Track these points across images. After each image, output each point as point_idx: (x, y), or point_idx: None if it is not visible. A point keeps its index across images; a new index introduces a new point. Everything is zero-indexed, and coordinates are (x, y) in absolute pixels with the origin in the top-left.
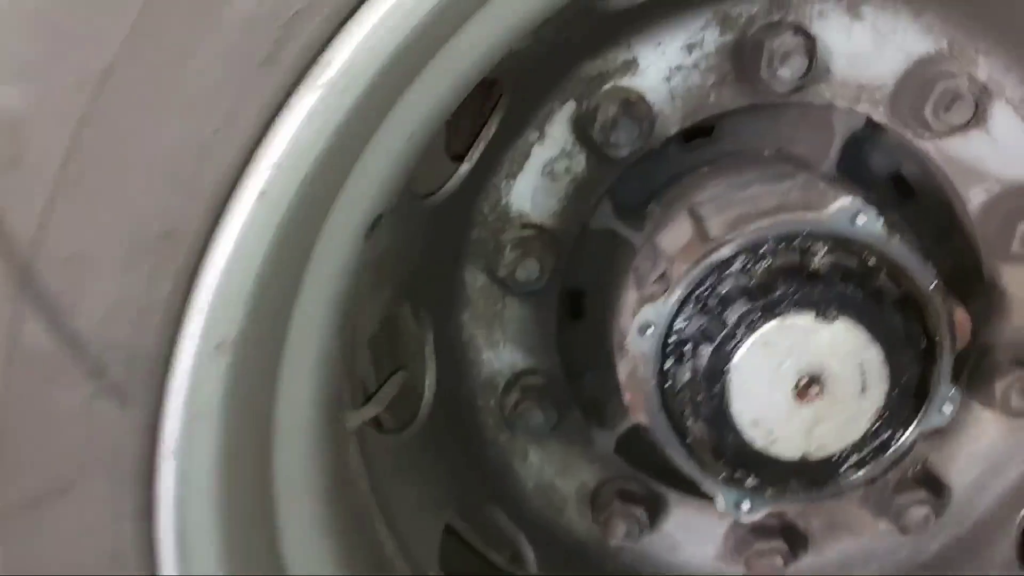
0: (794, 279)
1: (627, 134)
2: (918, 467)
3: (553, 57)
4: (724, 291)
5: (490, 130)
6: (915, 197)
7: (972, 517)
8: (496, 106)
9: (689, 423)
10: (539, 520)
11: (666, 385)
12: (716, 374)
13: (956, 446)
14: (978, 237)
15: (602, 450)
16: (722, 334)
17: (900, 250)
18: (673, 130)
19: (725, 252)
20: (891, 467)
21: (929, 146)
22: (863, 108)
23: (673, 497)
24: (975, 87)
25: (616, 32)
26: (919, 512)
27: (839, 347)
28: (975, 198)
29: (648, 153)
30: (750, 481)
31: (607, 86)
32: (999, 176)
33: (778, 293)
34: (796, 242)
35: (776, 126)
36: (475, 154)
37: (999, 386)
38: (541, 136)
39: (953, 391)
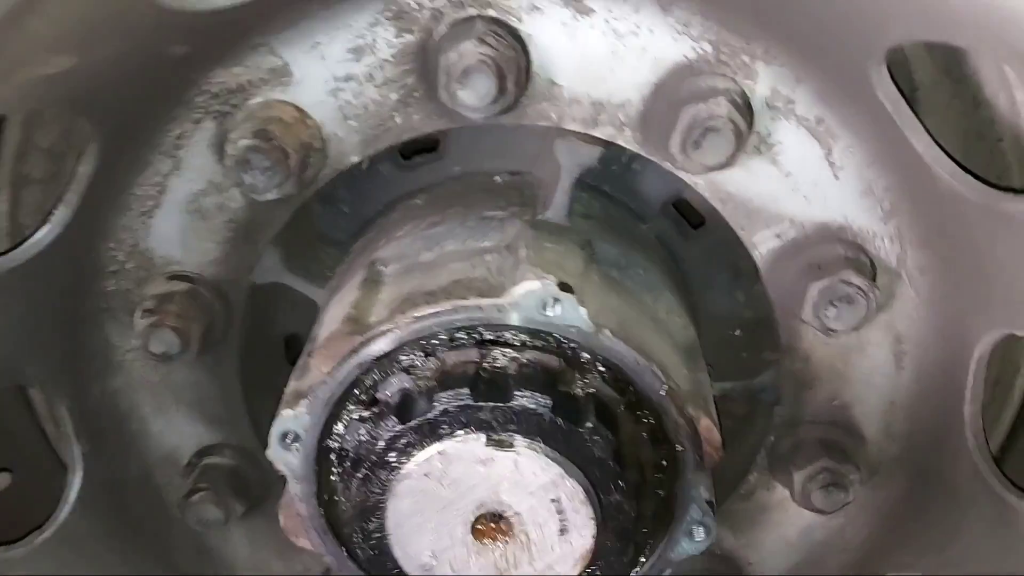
0: (464, 388)
1: (265, 178)
2: (715, 553)
3: (164, 69)
4: (380, 400)
5: (84, 172)
6: (705, 225)
7: None
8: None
9: (359, 553)
10: None
11: (329, 503)
12: (372, 508)
13: (761, 532)
14: (769, 290)
15: None
16: (372, 460)
17: (615, 347)
18: (352, 158)
19: (378, 348)
20: None
21: (699, 180)
22: (604, 132)
23: None
24: (744, 111)
25: (245, 32)
26: None
27: (524, 480)
28: (763, 244)
29: (347, 176)
30: None
31: (255, 100)
32: (794, 217)
33: (442, 408)
34: (475, 336)
35: (507, 145)
36: (73, 199)
37: (799, 477)
38: (177, 165)
39: (706, 514)
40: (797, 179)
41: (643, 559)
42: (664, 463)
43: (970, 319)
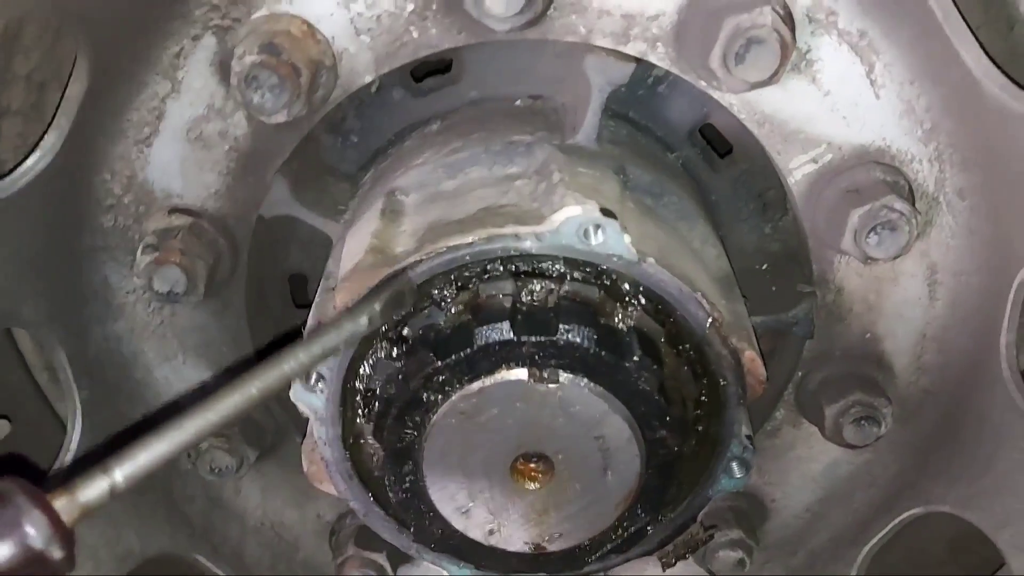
0: (503, 322)
1: (274, 97)
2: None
3: None
4: (410, 336)
5: (74, 93)
6: (733, 153)
7: (806, 546)
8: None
9: (390, 496)
10: (263, 563)
11: (355, 447)
12: (405, 449)
13: (785, 469)
14: (803, 220)
15: None
16: (405, 399)
17: (659, 277)
18: (365, 78)
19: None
20: (671, 538)
21: (733, 100)
22: (635, 48)
23: None
24: (789, 22)
25: None
26: (731, 557)
27: (567, 417)
28: (798, 169)
29: (356, 101)
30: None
31: (259, 13)
32: (832, 139)
33: (480, 343)
34: (509, 267)
35: (528, 65)
36: (64, 124)
37: (831, 412)
38: (175, 88)
39: (747, 449)
40: (836, 99)
41: (683, 498)
42: (704, 398)
43: (1011, 245)
